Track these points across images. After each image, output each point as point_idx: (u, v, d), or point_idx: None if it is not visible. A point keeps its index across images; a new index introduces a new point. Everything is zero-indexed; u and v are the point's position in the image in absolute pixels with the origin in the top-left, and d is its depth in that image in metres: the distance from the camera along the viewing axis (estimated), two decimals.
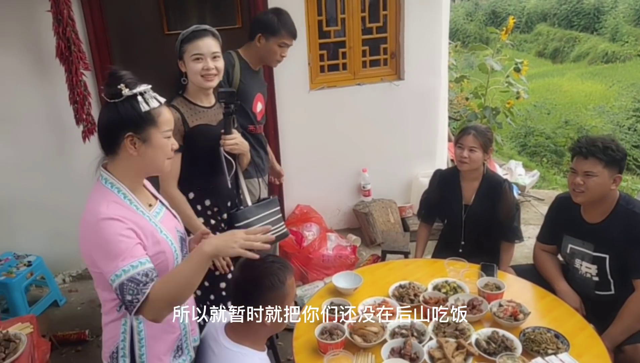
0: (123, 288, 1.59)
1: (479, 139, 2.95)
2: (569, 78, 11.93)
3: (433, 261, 3.06)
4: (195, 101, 2.50)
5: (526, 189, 5.06)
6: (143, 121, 1.67)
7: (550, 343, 2.20)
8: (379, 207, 4.36)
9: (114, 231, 1.61)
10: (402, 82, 4.26)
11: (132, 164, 1.72)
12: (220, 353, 1.88)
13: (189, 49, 2.41)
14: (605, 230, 2.57)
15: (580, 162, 2.52)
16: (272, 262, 1.88)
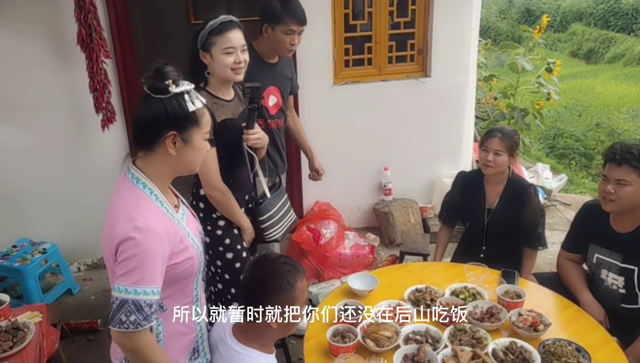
0: (122, 306, 1.57)
1: (504, 142, 2.86)
2: (603, 80, 11.63)
3: (452, 265, 2.98)
4: (218, 95, 2.46)
5: (553, 193, 4.93)
6: (188, 121, 1.66)
7: (571, 357, 2.12)
8: (400, 207, 4.29)
9: (147, 248, 1.59)
10: (428, 79, 4.17)
11: (167, 163, 1.70)
12: (227, 354, 1.84)
13: (219, 42, 2.34)
14: (636, 241, 2.48)
15: (613, 169, 2.42)
16: (283, 263, 1.83)
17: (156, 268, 1.60)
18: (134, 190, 1.67)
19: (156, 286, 1.61)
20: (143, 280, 1.58)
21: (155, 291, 1.60)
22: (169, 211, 1.71)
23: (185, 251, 1.72)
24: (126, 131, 3.84)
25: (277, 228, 2.65)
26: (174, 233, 1.68)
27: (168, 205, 1.72)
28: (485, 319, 2.35)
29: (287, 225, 2.74)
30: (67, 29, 3.44)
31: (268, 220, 2.61)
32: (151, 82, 1.64)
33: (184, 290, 1.80)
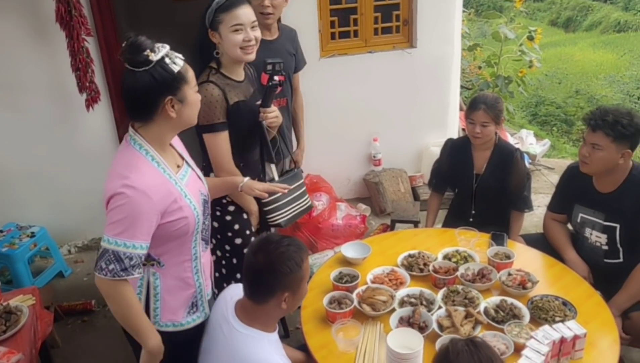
0: (104, 254, 1.63)
1: (489, 113, 2.88)
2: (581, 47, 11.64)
3: (443, 230, 3.03)
4: (231, 75, 2.34)
5: (537, 158, 5.00)
6: (177, 82, 1.68)
7: (558, 311, 2.20)
8: (389, 176, 4.31)
9: (137, 208, 1.62)
10: (414, 50, 4.15)
11: (167, 126, 1.73)
12: (230, 333, 1.84)
13: (227, 19, 2.20)
14: (617, 200, 2.54)
15: (589, 134, 2.49)
16: (288, 245, 1.80)
17: (140, 225, 1.63)
18: (130, 151, 1.70)
19: (139, 241, 1.64)
20: (125, 233, 1.62)
21: (136, 246, 1.64)
22: (165, 171, 1.74)
23: (179, 211, 1.73)
24: (112, 110, 3.77)
25: (281, 212, 2.53)
26: (167, 193, 1.70)
27: (165, 165, 1.74)
28: (476, 280, 2.41)
29: (296, 212, 2.62)
30: (45, 7, 3.33)
31: (272, 203, 2.50)
32: (130, 57, 1.62)
33: (182, 247, 1.83)
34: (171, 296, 1.84)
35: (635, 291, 2.45)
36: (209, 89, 2.24)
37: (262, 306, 1.81)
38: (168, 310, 1.85)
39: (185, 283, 1.87)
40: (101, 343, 3.15)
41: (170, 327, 1.87)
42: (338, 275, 2.46)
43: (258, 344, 1.80)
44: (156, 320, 1.84)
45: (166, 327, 1.86)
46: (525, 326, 2.10)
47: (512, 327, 2.10)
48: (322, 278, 2.49)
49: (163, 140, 1.76)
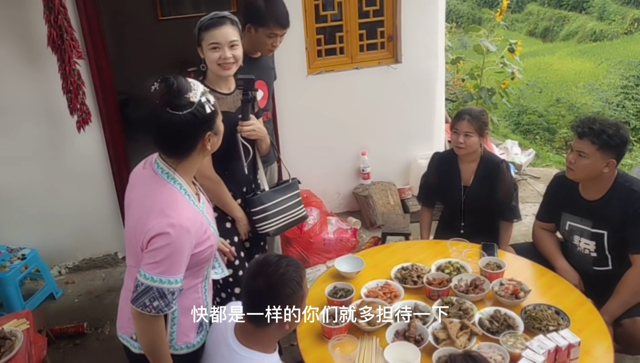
0: (147, 291, 1.65)
1: (473, 124, 2.91)
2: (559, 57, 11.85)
3: (435, 242, 3.04)
4: (215, 88, 2.43)
5: (522, 168, 5.04)
6: (215, 116, 1.74)
7: (551, 320, 2.21)
8: (379, 190, 4.32)
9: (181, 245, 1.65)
10: (399, 65, 4.19)
11: (200, 158, 1.78)
12: (230, 355, 1.81)
13: (207, 37, 2.33)
14: (604, 207, 2.57)
15: (576, 140, 2.53)
16: (287, 266, 1.78)
17: (182, 261, 1.67)
18: (165, 185, 1.71)
19: (180, 275, 1.68)
20: (169, 271, 1.65)
21: (178, 280, 1.68)
22: (195, 203, 1.77)
23: (208, 240, 1.78)
24: (103, 131, 3.74)
25: (270, 221, 2.58)
26: (200, 225, 1.75)
27: (194, 197, 1.78)
28: (470, 291, 2.42)
29: (287, 221, 2.67)
30: (37, 31, 3.33)
31: (261, 213, 2.56)
32: (172, 100, 1.64)
33: (199, 271, 1.86)
34: (186, 319, 1.86)
35: (626, 298, 2.46)
36: None
37: (263, 329, 1.78)
38: (182, 333, 1.86)
39: (197, 304, 1.89)
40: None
41: (184, 349, 1.88)
42: (332, 290, 2.45)
43: None
44: (172, 345, 1.83)
45: (181, 349, 1.87)
46: (520, 336, 2.10)
47: (507, 338, 2.10)
48: (317, 293, 2.47)
49: (193, 172, 1.81)
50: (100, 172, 3.79)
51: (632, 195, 2.50)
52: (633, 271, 2.49)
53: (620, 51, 11.43)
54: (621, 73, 9.50)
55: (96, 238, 3.94)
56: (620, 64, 10.23)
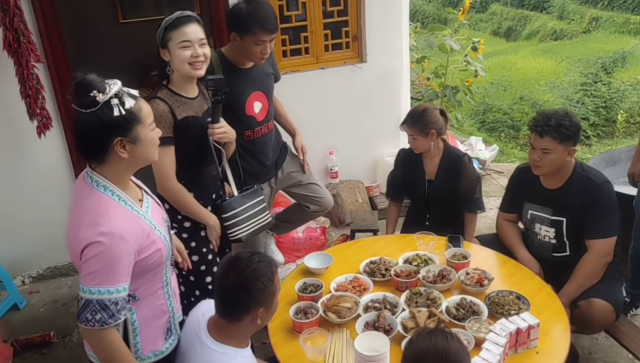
0: (87, 305, 1.60)
1: (413, 127, 3.01)
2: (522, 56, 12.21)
3: (402, 236, 3.13)
4: (180, 92, 2.39)
5: (487, 163, 5.19)
6: (128, 122, 1.62)
7: (513, 305, 2.32)
8: (347, 188, 4.40)
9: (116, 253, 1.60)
10: (364, 64, 4.26)
11: (123, 165, 1.68)
12: (203, 352, 1.85)
13: (175, 36, 2.27)
14: (563, 196, 2.69)
15: (537, 140, 2.62)
16: (259, 262, 1.82)
17: (121, 269, 1.61)
18: (95, 194, 1.66)
19: (121, 284, 1.62)
20: (107, 281, 1.59)
21: (120, 289, 1.62)
22: (133, 208, 1.71)
23: (153, 245, 1.73)
24: (64, 136, 3.71)
25: (241, 227, 2.58)
26: (141, 230, 1.69)
27: (132, 202, 1.72)
28: (437, 281, 2.51)
29: (256, 227, 2.67)
30: None
31: (232, 218, 2.54)
32: (76, 98, 1.59)
33: (154, 278, 1.82)
34: (149, 327, 1.83)
35: (582, 281, 2.60)
36: (154, 105, 2.27)
37: (236, 324, 1.82)
38: (148, 342, 1.83)
39: (160, 311, 1.86)
40: None
41: (152, 358, 1.86)
42: (302, 286, 2.51)
43: (233, 361, 1.82)
44: (138, 355, 1.81)
45: (148, 358, 1.85)
46: (484, 321, 2.20)
47: (472, 323, 2.20)
48: (287, 290, 2.51)
49: (123, 178, 1.73)
50: (63, 177, 3.74)
51: (589, 184, 2.64)
52: (588, 256, 2.63)
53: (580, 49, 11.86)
54: (580, 71, 9.83)
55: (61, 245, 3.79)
56: (579, 62, 10.60)
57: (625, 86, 8.58)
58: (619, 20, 13.96)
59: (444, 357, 1.54)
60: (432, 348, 1.57)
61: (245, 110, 2.82)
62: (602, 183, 2.64)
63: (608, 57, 10.14)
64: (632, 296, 3.20)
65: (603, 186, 2.63)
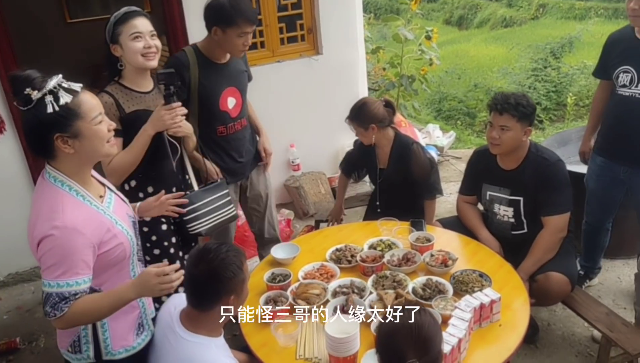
0: (48, 299, 1.63)
1: (353, 122, 3.12)
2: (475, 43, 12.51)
3: (365, 223, 3.21)
4: (132, 87, 2.42)
5: (444, 149, 5.34)
6: (64, 118, 1.62)
7: (476, 282, 2.44)
8: (309, 180, 4.46)
9: (70, 245, 1.62)
10: (320, 56, 4.33)
11: (73, 160, 1.69)
12: (177, 342, 1.89)
13: (125, 29, 2.31)
14: (520, 175, 2.82)
15: (496, 117, 2.74)
16: (227, 251, 1.86)
17: (78, 261, 1.63)
18: (52, 189, 1.68)
19: (81, 277, 1.65)
20: (66, 274, 1.62)
21: (80, 282, 1.65)
22: (92, 203, 1.74)
23: (114, 239, 1.75)
24: (18, 139, 3.63)
25: (201, 221, 2.59)
26: (100, 224, 1.71)
27: (91, 197, 1.74)
28: (402, 264, 2.60)
29: (218, 220, 2.68)
30: None
31: (191, 213, 2.55)
32: (15, 96, 1.60)
33: (120, 273, 1.85)
34: (118, 323, 1.85)
35: (539, 256, 2.74)
36: (99, 99, 2.28)
37: (208, 314, 1.86)
38: (118, 337, 1.86)
39: (129, 307, 1.86)
40: None
41: (123, 353, 1.88)
42: (271, 276, 2.56)
43: (206, 350, 1.86)
44: (108, 350, 1.84)
45: (119, 354, 1.87)
46: (450, 299, 2.30)
47: (438, 302, 2.29)
48: (256, 281, 2.57)
49: (80, 174, 1.74)
50: (20, 181, 3.69)
51: (543, 163, 2.78)
52: (544, 232, 2.77)
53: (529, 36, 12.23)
54: (530, 56, 10.13)
55: (21, 251, 3.75)
56: (529, 48, 10.92)
57: (573, 70, 8.88)
58: (565, 6, 14.50)
59: (416, 330, 1.62)
60: (405, 323, 1.65)
61: (219, 105, 2.85)
62: (555, 161, 2.78)
63: (556, 43, 10.50)
64: (585, 269, 3.39)
65: (556, 165, 2.78)
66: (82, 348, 1.81)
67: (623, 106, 2.84)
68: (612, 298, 3.34)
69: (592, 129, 3.21)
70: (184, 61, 2.78)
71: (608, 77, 2.92)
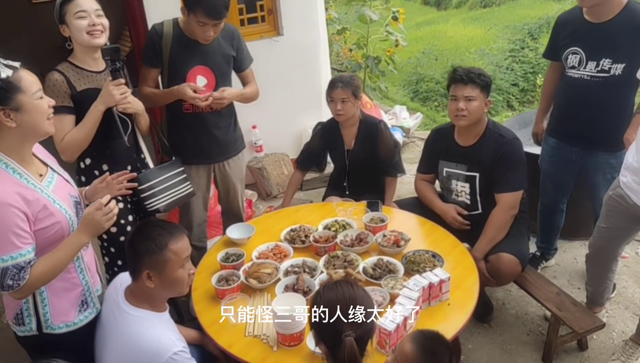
0: (5, 273, 1.72)
1: (346, 89, 3.16)
2: (453, 24, 12.52)
3: (323, 204, 3.31)
4: (83, 66, 2.49)
5: (411, 131, 5.43)
6: (6, 91, 1.72)
7: (428, 262, 2.53)
8: (272, 161, 4.53)
9: (9, 217, 1.71)
10: (281, 38, 4.36)
11: (14, 135, 1.77)
12: (121, 317, 1.97)
13: (70, 8, 2.39)
14: (477, 152, 2.92)
15: (460, 88, 2.82)
16: (158, 227, 1.96)
17: (12, 234, 1.72)
18: None
19: (23, 249, 1.75)
20: (9, 248, 1.72)
21: (24, 253, 1.75)
22: (29, 181, 1.81)
23: (51, 217, 1.83)
24: None
25: (158, 198, 2.69)
26: (35, 201, 1.79)
27: (28, 175, 1.82)
28: (355, 244, 2.69)
29: (175, 198, 2.79)
30: None
31: (148, 190, 2.65)
32: None
33: None
34: (59, 299, 1.95)
35: (492, 235, 2.85)
36: (50, 76, 2.42)
37: (140, 286, 1.96)
38: (58, 313, 1.95)
39: (71, 284, 1.98)
40: None
41: (63, 328, 1.97)
42: (224, 256, 2.65)
43: (149, 323, 1.95)
44: (48, 324, 1.94)
45: (59, 328, 1.96)
46: (400, 279, 2.39)
47: (388, 281, 2.38)
48: (210, 261, 2.67)
49: (19, 150, 1.82)
50: None
51: (500, 140, 2.87)
52: (497, 210, 2.87)
53: (507, 16, 12.27)
54: (508, 37, 10.23)
55: None
56: (507, 29, 11.00)
57: None
58: None
59: (351, 301, 1.72)
60: (339, 296, 1.74)
61: (186, 80, 2.89)
62: (512, 139, 2.88)
63: (534, 23, 10.60)
64: (542, 250, 3.52)
65: (512, 143, 2.88)
66: (25, 320, 1.92)
67: (572, 88, 2.94)
68: (568, 278, 3.46)
69: (544, 110, 3.31)
70: (158, 31, 2.87)
71: (558, 59, 3.01)
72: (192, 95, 2.78)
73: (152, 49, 2.89)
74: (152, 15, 3.65)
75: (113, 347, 1.97)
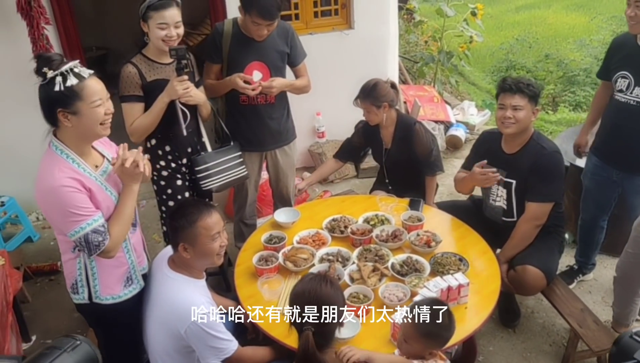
0: (88, 239, 2.05)
1: (365, 101, 3.36)
2: (555, 10, 11.94)
3: (368, 197, 3.54)
4: (154, 58, 2.87)
5: (476, 127, 5.47)
6: (68, 97, 1.99)
7: (454, 265, 2.69)
8: (332, 147, 4.76)
9: (68, 196, 2.01)
10: (352, 31, 4.56)
11: (72, 133, 2.09)
12: (162, 279, 2.36)
13: (155, 17, 2.72)
14: (518, 160, 3.03)
15: (508, 97, 2.95)
16: (192, 206, 2.33)
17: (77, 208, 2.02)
18: (51, 155, 2.08)
19: (93, 216, 2.06)
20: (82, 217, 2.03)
21: (96, 218, 2.07)
22: (86, 170, 2.12)
23: (104, 201, 2.15)
24: None
25: (213, 179, 3.07)
26: (91, 186, 2.09)
27: (85, 165, 2.12)
28: (389, 240, 2.89)
29: (229, 180, 3.15)
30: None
31: (204, 171, 3.04)
32: (35, 69, 1.99)
33: None
34: (107, 275, 2.26)
35: (516, 241, 3.00)
36: (125, 68, 2.83)
37: (178, 255, 2.32)
38: (106, 286, 2.26)
39: (118, 262, 2.27)
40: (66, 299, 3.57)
41: (110, 300, 2.29)
42: (268, 237, 2.96)
43: (185, 286, 2.32)
44: (97, 295, 2.26)
45: (106, 300, 2.28)
46: (424, 278, 2.57)
47: (412, 279, 2.58)
48: (255, 240, 3.00)
49: (77, 145, 2.10)
50: None
51: (540, 151, 2.97)
52: (522, 218, 3.00)
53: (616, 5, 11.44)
54: (613, 29, 9.61)
55: None
56: (613, 19, 10.31)
57: None
58: None
59: (315, 298, 1.99)
60: (306, 290, 2.02)
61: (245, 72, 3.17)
62: (552, 151, 2.98)
63: None
64: (580, 264, 3.58)
65: (552, 155, 2.97)
66: (79, 290, 2.27)
67: (619, 112, 3.00)
68: (602, 295, 3.50)
69: (590, 124, 3.37)
70: (219, 30, 3.21)
71: (609, 80, 3.07)
72: (242, 85, 3.08)
73: (212, 47, 3.22)
74: (232, 6, 3.96)
75: (155, 305, 2.35)
